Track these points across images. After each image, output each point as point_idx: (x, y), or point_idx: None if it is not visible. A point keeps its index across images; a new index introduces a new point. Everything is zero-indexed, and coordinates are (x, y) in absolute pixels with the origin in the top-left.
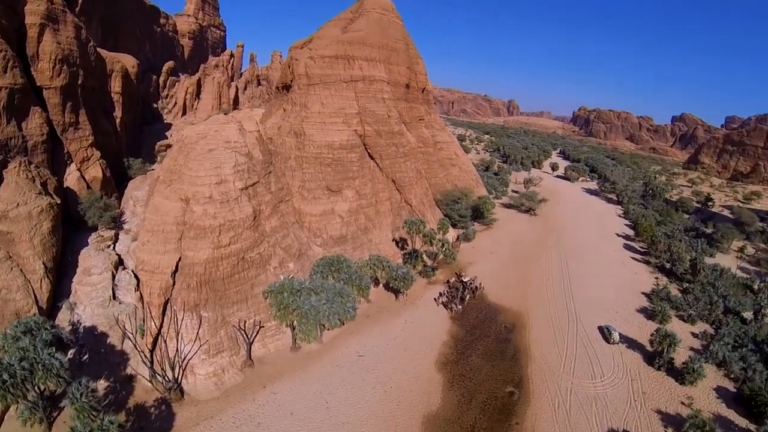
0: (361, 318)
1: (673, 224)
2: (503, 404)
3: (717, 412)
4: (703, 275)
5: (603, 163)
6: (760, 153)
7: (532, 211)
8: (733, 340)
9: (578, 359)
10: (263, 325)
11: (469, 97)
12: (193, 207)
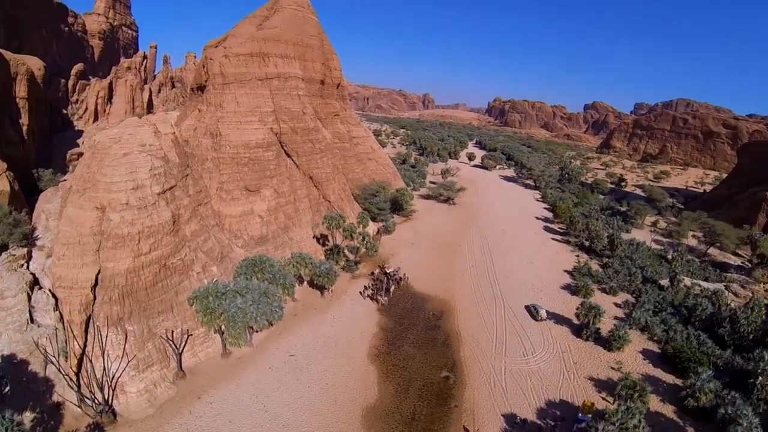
0: (288, 317)
1: (590, 205)
2: (440, 389)
3: (645, 372)
4: (620, 250)
5: (519, 151)
6: (666, 136)
7: (450, 200)
8: (653, 306)
9: (509, 339)
10: (191, 334)
11: (384, 93)
12: (109, 215)
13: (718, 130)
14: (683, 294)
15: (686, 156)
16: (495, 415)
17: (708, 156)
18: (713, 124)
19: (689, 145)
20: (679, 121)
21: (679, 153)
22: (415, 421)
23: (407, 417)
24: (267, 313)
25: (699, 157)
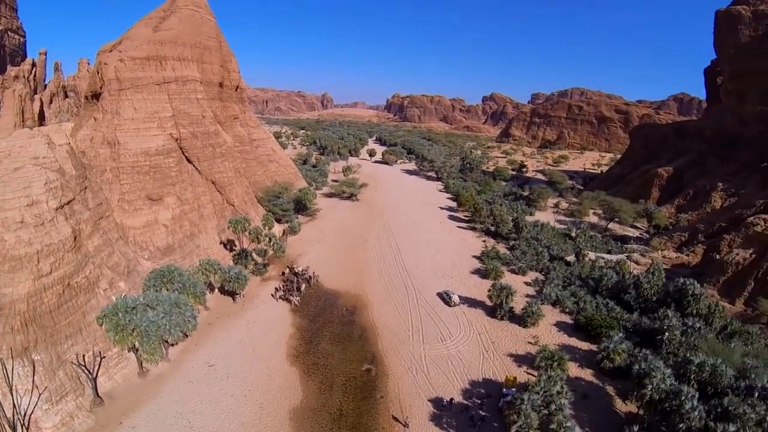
0: (203, 327)
1: (493, 192)
2: (363, 382)
3: (561, 342)
4: (526, 232)
5: (419, 145)
6: (563, 123)
7: (354, 197)
8: (561, 281)
9: (425, 326)
10: (104, 355)
11: (283, 95)
12: (3, 235)
13: (611, 116)
14: (589, 267)
15: (583, 140)
16: (421, 401)
17: (603, 139)
18: (606, 110)
19: (585, 131)
20: (575, 108)
21: (576, 138)
22: (344, 416)
23: (335, 414)
24: (180, 324)
25: (595, 141)
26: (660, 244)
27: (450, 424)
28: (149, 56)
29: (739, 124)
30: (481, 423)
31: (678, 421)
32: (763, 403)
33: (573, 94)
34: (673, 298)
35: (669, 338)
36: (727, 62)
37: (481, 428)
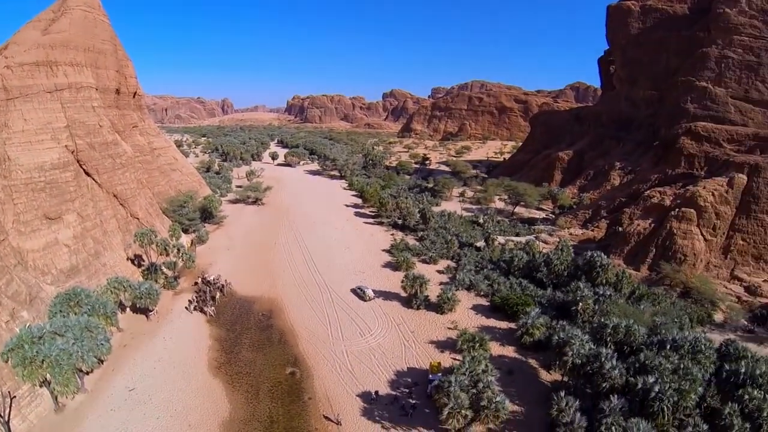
0: (118, 350)
1: (397, 186)
2: (290, 386)
3: (480, 324)
4: (433, 222)
5: (321, 145)
6: (464, 114)
7: (259, 201)
8: (473, 266)
9: (343, 323)
10: (15, 395)
11: (183, 102)
12: None
13: (511, 105)
14: (499, 251)
15: (484, 131)
16: (350, 397)
17: (504, 129)
18: (506, 101)
19: (486, 121)
20: (475, 100)
21: (477, 129)
22: (275, 423)
23: (265, 421)
24: (94, 349)
25: (496, 131)
26: (566, 222)
27: (382, 416)
28: (39, 62)
29: (632, 107)
30: (412, 411)
31: (601, 381)
32: (675, 353)
33: (473, 87)
34: (582, 271)
35: (583, 308)
36: (619, 52)
37: (413, 416)
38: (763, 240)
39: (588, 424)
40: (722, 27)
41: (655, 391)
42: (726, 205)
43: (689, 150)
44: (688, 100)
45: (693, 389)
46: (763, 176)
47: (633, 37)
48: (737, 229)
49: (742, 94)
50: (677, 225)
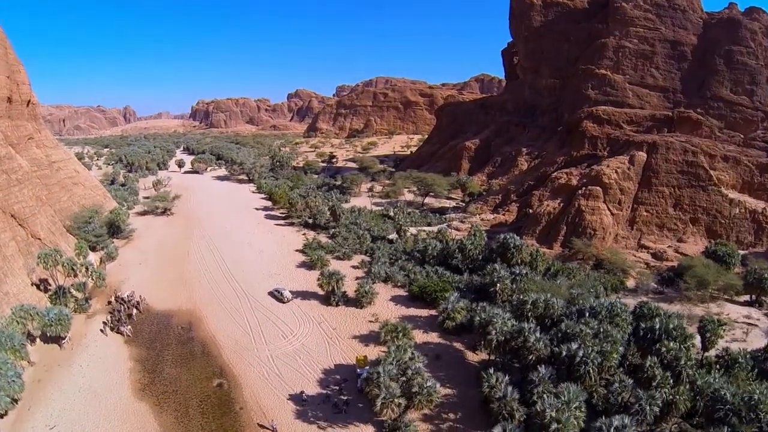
0: (32, 385)
1: (306, 185)
2: (219, 398)
3: (401, 314)
4: (344, 218)
5: (228, 149)
6: (370, 111)
7: (168, 211)
8: (388, 258)
9: (264, 328)
10: None
11: (82, 111)
12: None
13: (417, 99)
14: (412, 241)
15: (390, 126)
16: (281, 402)
17: (410, 122)
18: (411, 95)
19: (392, 116)
20: (380, 96)
21: (383, 124)
22: None
23: None
24: (4, 388)
25: (402, 125)
26: (476, 209)
27: (317, 416)
28: None
29: (536, 95)
30: (346, 407)
31: (527, 354)
32: (594, 319)
33: (378, 83)
34: (497, 254)
35: (501, 288)
36: (522, 44)
37: (347, 412)
38: (664, 210)
39: (520, 395)
40: (619, 19)
41: (579, 356)
42: (629, 181)
43: (592, 132)
44: (588, 87)
45: (614, 350)
46: (661, 153)
47: (535, 29)
48: (641, 202)
49: (639, 80)
50: (585, 202)
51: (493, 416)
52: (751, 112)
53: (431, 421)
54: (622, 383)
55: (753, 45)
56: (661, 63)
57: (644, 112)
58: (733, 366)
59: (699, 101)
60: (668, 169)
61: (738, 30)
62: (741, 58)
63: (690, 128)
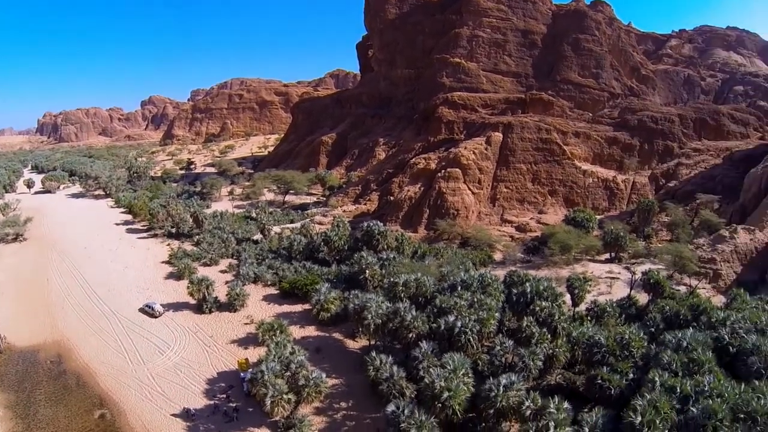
0: None
1: (166, 195)
2: (105, 430)
3: (275, 312)
4: (207, 224)
5: (81, 164)
6: (225, 114)
7: (20, 236)
8: (255, 259)
9: (139, 347)
10: None
11: None
12: None
13: (272, 99)
14: (277, 240)
15: (247, 127)
16: (168, 420)
17: (266, 123)
18: (266, 94)
19: (248, 117)
20: (235, 97)
21: (239, 127)
22: None
23: None
24: None
25: (258, 126)
26: (337, 201)
27: (209, 429)
28: None
29: (391, 86)
30: (236, 414)
31: (406, 333)
32: (467, 291)
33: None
34: (363, 242)
35: (371, 274)
36: (377, 36)
37: (238, 418)
38: (524, 185)
39: (407, 373)
40: (473, 10)
41: (458, 327)
42: (487, 161)
43: (448, 117)
44: (443, 75)
45: (491, 316)
46: (516, 132)
47: (390, 21)
48: (500, 180)
49: (492, 66)
50: (445, 184)
51: (384, 397)
52: (597, 93)
53: (324, 413)
54: (503, 345)
55: (598, 33)
56: (513, 50)
57: (498, 95)
58: (603, 315)
59: (550, 84)
60: (524, 147)
61: (584, 20)
62: (587, 45)
63: (542, 109)
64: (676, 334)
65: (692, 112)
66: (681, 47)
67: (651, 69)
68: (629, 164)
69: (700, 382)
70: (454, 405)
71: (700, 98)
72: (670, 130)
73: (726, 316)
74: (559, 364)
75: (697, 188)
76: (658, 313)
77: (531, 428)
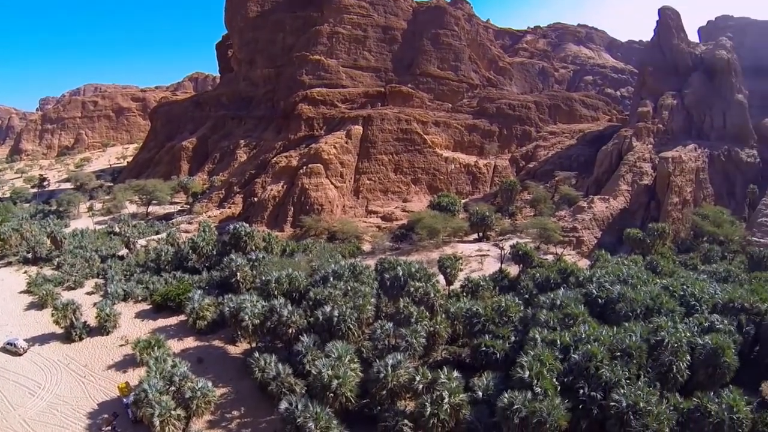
0: None
1: (17, 216)
2: None
3: (150, 329)
4: (67, 244)
5: None
6: (79, 123)
7: None
8: (122, 275)
9: (6, 391)
10: None
11: None
12: None
13: (129, 105)
14: (144, 253)
15: (103, 137)
16: None
17: (124, 131)
18: (123, 101)
19: (104, 126)
20: (90, 105)
21: (95, 137)
22: None
23: None
24: None
25: (116, 135)
26: (202, 207)
27: None
28: None
29: (252, 86)
30: None
31: (285, 329)
32: (340, 281)
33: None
34: (231, 245)
35: (242, 276)
36: (237, 35)
37: None
38: (386, 176)
39: (294, 370)
40: (334, 7)
41: (336, 316)
42: (348, 154)
43: (308, 114)
44: (303, 73)
45: (367, 302)
46: (376, 124)
47: (251, 19)
48: (362, 172)
49: (352, 62)
50: (308, 181)
51: (275, 397)
52: (456, 84)
53: (218, 425)
54: (384, 328)
55: (457, 29)
56: (373, 46)
57: (358, 90)
58: (477, 290)
59: (410, 78)
60: (384, 138)
61: (444, 16)
62: (446, 40)
63: (402, 101)
64: (549, 295)
65: (547, 99)
66: (536, 42)
67: (508, 61)
68: (490, 149)
69: (577, 332)
70: (345, 392)
71: (554, 87)
72: (527, 115)
73: (592, 273)
74: (442, 340)
75: (555, 167)
76: (530, 281)
77: (426, 401)
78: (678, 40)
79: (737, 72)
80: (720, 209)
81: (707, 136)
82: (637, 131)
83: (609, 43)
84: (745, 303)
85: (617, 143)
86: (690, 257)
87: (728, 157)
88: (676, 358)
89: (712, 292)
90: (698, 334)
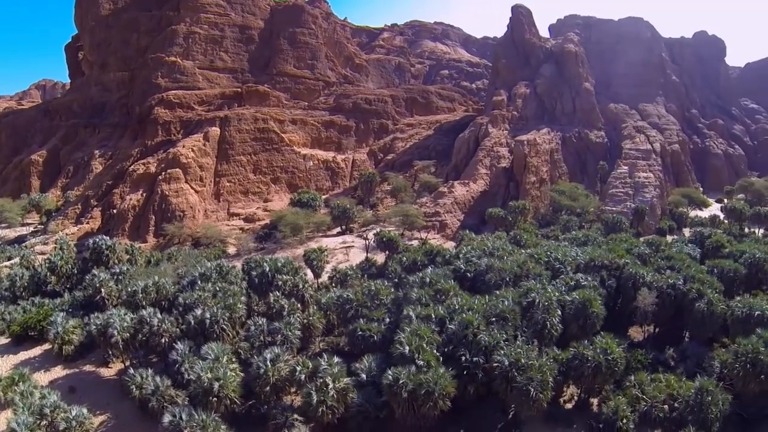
0: None
1: None
2: None
3: (12, 364)
4: None
5: None
6: None
7: None
8: None
9: None
10: None
11: None
12: None
13: None
14: None
15: None
16: None
17: None
18: None
19: None
20: None
21: None
22: None
23: None
24: None
25: None
26: (57, 225)
27: None
28: None
29: (104, 91)
30: None
31: (158, 339)
32: (208, 283)
33: None
34: (93, 261)
35: (107, 292)
36: (87, 35)
37: None
38: (246, 177)
39: (173, 381)
40: (191, 6)
41: (208, 318)
42: (207, 157)
43: (164, 118)
44: (159, 75)
45: (237, 300)
46: (233, 125)
47: (104, 18)
48: (222, 174)
49: (209, 63)
50: (167, 187)
51: (158, 412)
52: (313, 83)
53: None
54: (258, 324)
55: (314, 27)
56: (230, 46)
57: (215, 91)
58: (346, 279)
59: (267, 78)
60: (242, 138)
61: (301, 15)
62: (303, 38)
63: (259, 101)
64: (418, 274)
65: (403, 92)
66: (393, 39)
67: (364, 58)
68: (347, 144)
69: (451, 304)
70: (228, 393)
71: (411, 82)
72: (384, 109)
73: (458, 250)
74: (317, 332)
75: (414, 157)
76: (398, 265)
77: (311, 389)
78: (530, 35)
79: (584, 63)
80: (575, 185)
81: (559, 121)
82: (492, 119)
83: (465, 39)
84: (604, 260)
85: (474, 130)
86: (551, 230)
87: (579, 138)
88: (549, 315)
89: (574, 255)
90: (566, 292)
